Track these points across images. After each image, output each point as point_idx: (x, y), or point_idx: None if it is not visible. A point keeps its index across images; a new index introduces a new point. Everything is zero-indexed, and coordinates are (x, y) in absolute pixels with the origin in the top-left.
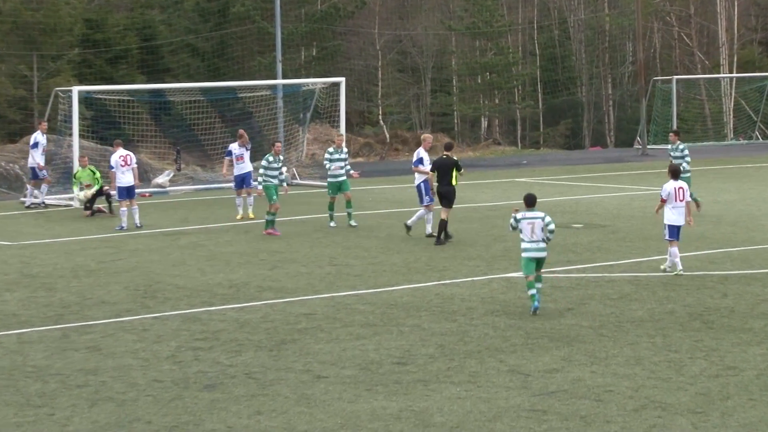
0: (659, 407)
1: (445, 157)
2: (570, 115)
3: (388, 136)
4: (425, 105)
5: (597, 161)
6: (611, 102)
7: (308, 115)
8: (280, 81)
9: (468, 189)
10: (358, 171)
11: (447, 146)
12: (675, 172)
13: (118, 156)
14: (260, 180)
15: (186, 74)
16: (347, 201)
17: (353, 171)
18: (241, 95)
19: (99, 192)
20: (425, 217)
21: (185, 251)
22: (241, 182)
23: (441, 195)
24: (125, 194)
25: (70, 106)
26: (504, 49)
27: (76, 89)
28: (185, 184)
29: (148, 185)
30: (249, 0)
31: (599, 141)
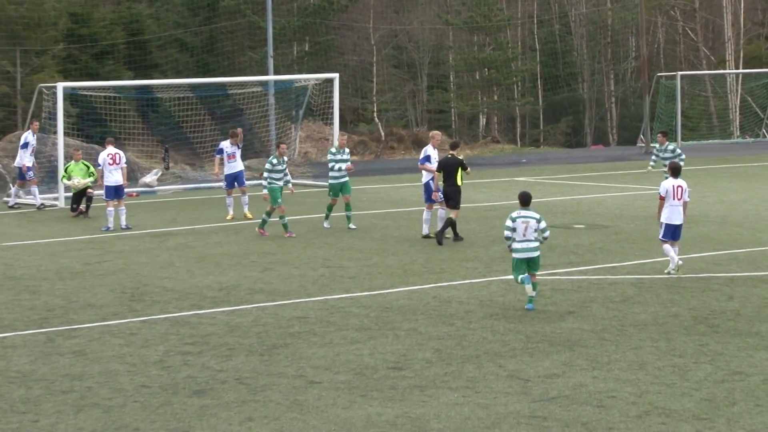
0: (663, 413)
1: (450, 157)
2: (571, 113)
3: (384, 134)
4: (421, 102)
5: (599, 160)
6: (614, 99)
7: (301, 113)
8: (272, 77)
9: (466, 188)
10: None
11: (452, 145)
12: (675, 170)
13: (107, 154)
14: (265, 183)
15: (174, 70)
16: (346, 204)
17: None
18: (232, 92)
19: (80, 194)
20: (423, 218)
21: (174, 253)
22: (233, 181)
23: (446, 195)
24: (113, 194)
25: (55, 103)
26: (503, 44)
27: (61, 85)
28: (173, 184)
29: (136, 184)
30: None
31: (601, 139)
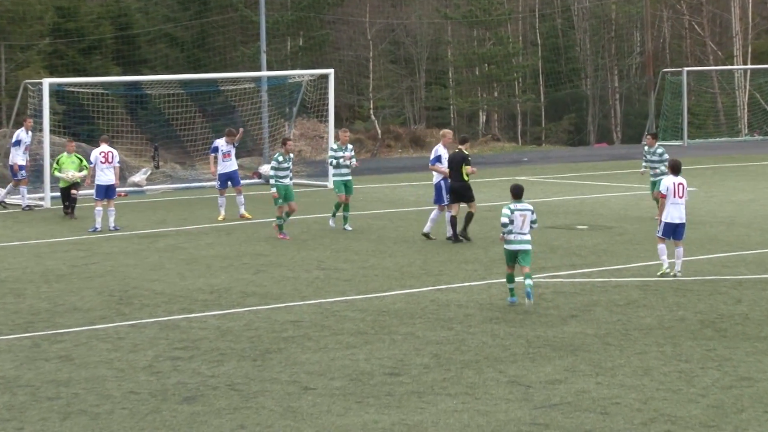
0: (669, 421)
1: (458, 152)
2: (574, 110)
3: (380, 132)
4: (419, 98)
5: (602, 158)
6: (618, 95)
7: (295, 110)
8: (265, 73)
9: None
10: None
11: (461, 140)
12: (675, 168)
13: (99, 152)
14: (272, 182)
15: (164, 66)
16: (345, 205)
17: (354, 161)
18: (223, 88)
19: (68, 190)
20: (430, 216)
21: (163, 254)
22: (227, 181)
23: (453, 191)
24: (103, 193)
25: (41, 100)
26: (503, 39)
27: (47, 81)
28: (163, 183)
29: (124, 184)
30: None
31: (605, 137)
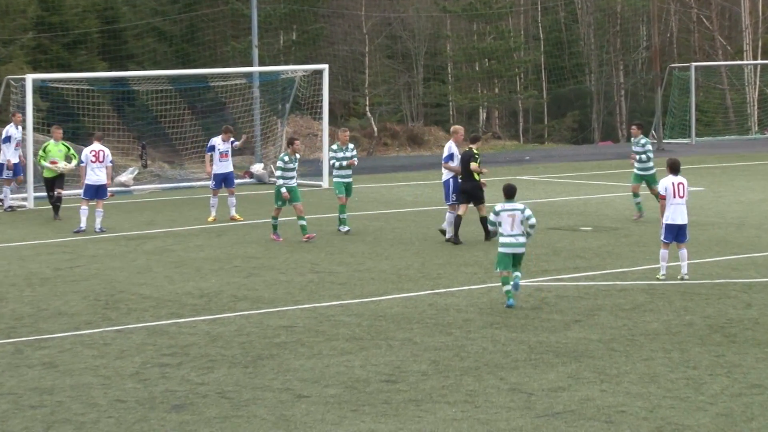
0: (676, 430)
1: (467, 150)
2: (577, 106)
3: (376, 130)
4: (417, 95)
5: (607, 157)
6: (623, 92)
7: (287, 106)
8: (257, 68)
9: None
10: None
11: (472, 139)
12: (674, 167)
13: (90, 150)
14: (280, 182)
15: (152, 61)
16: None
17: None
18: (213, 84)
19: (53, 181)
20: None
21: (151, 257)
22: (221, 182)
23: (464, 191)
24: (92, 193)
25: (24, 96)
26: (504, 33)
27: (30, 77)
28: (151, 183)
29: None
30: None
31: (610, 135)
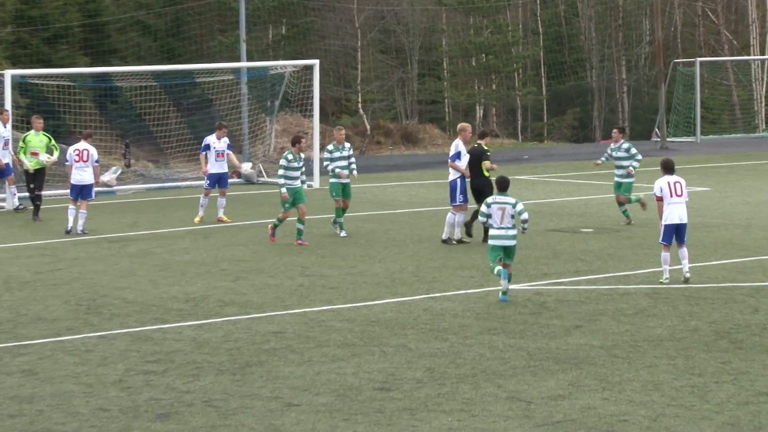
0: None
1: (477, 146)
2: (578, 103)
3: (369, 128)
4: (411, 91)
5: None
6: (625, 88)
7: (277, 103)
8: (245, 64)
9: None
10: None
11: (481, 134)
12: (668, 167)
13: (74, 149)
14: (281, 181)
15: (136, 56)
16: (343, 209)
17: (355, 171)
18: (200, 80)
19: (33, 175)
20: (454, 219)
21: (135, 260)
22: (216, 182)
23: (474, 189)
24: (77, 193)
25: (2, 93)
26: (502, 27)
27: (9, 73)
28: (135, 183)
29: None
30: None
31: (612, 133)
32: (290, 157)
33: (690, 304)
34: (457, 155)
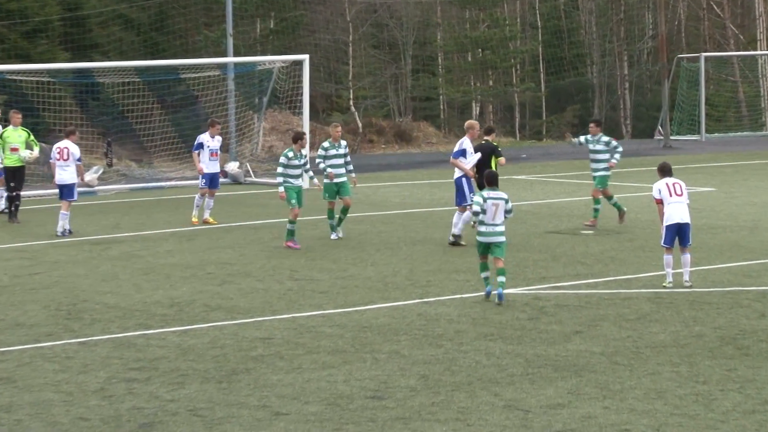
0: None
1: (485, 143)
2: (578, 100)
3: (361, 125)
4: (405, 88)
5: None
6: (627, 84)
7: (265, 100)
8: (231, 59)
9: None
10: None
11: (487, 131)
12: (666, 170)
13: (56, 148)
14: (280, 180)
15: (118, 51)
16: (343, 208)
17: (354, 174)
18: (185, 76)
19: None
20: (453, 221)
21: (117, 263)
22: (210, 181)
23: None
24: (60, 194)
25: None
26: (499, 21)
27: None
28: (117, 183)
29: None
30: None
31: (613, 131)
32: (290, 155)
33: (694, 309)
34: (462, 153)
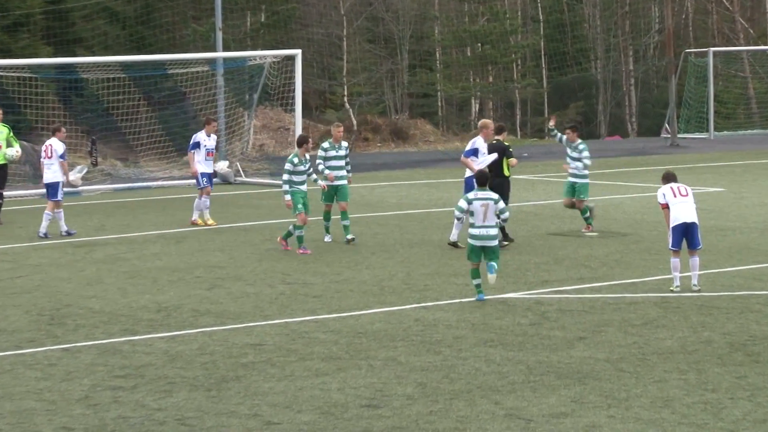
0: None
1: (496, 143)
2: (582, 97)
3: (356, 123)
4: (401, 84)
5: (615, 154)
6: (633, 80)
7: (255, 97)
8: (221, 54)
9: (455, 188)
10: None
11: (498, 129)
12: (669, 178)
13: (43, 146)
14: (286, 187)
15: (103, 46)
16: (342, 212)
17: (350, 174)
18: (172, 72)
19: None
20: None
21: (102, 266)
22: (208, 181)
23: (492, 189)
24: (47, 194)
25: None
26: (499, 14)
27: None
28: (102, 183)
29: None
30: None
31: (618, 129)
32: (296, 161)
33: (702, 314)
34: (473, 152)
